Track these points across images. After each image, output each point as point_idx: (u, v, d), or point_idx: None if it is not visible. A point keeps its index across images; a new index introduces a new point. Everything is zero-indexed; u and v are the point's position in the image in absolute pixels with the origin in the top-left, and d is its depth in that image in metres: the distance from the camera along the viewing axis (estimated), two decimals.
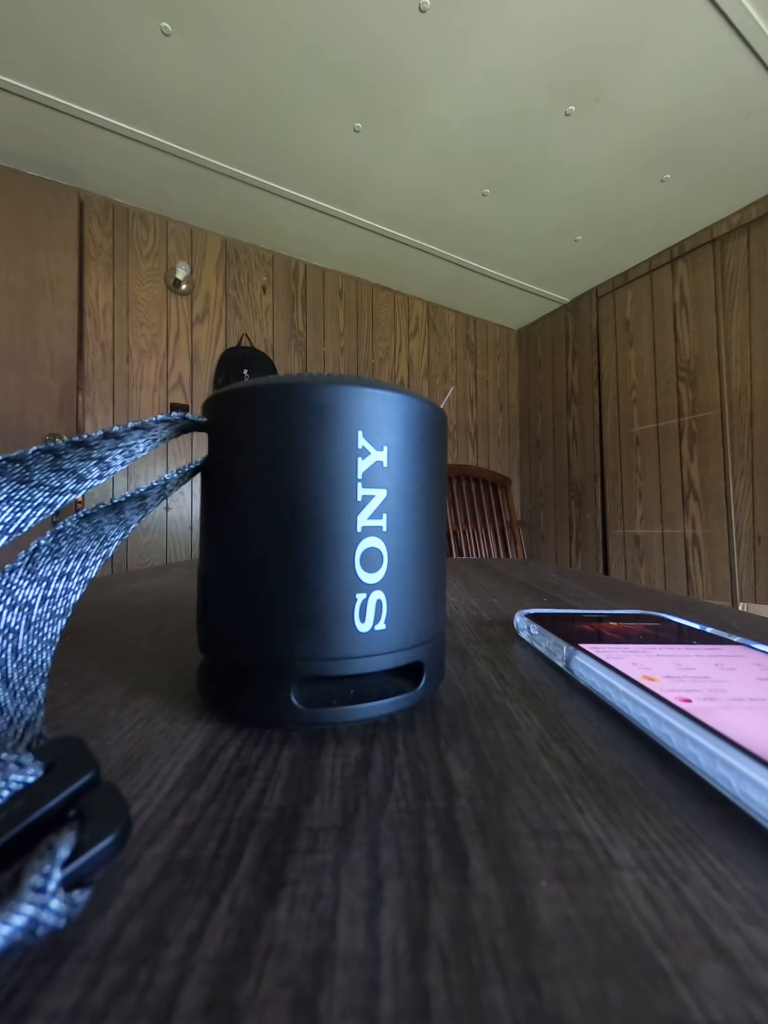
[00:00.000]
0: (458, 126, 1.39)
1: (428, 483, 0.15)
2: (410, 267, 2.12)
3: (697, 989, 0.06)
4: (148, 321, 1.80)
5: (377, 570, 0.13)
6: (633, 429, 2.08)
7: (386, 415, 0.13)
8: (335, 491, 0.13)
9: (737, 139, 1.40)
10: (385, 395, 0.13)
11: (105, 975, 0.06)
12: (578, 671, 0.17)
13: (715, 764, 0.10)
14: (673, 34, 1.10)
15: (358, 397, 0.13)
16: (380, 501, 0.13)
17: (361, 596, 0.13)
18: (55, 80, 1.26)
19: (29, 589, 0.12)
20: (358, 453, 0.13)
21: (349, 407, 0.13)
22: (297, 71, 1.22)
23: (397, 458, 0.14)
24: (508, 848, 0.09)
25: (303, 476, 0.13)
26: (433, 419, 0.15)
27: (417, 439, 0.14)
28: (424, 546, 0.15)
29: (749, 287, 1.67)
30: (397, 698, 0.14)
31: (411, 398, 0.14)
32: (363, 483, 0.13)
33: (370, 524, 0.13)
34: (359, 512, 0.13)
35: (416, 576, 0.14)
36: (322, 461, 0.13)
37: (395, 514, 0.14)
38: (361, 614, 0.13)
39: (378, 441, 0.13)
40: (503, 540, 1.99)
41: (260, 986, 0.06)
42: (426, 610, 0.15)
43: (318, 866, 0.08)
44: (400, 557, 0.14)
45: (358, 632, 0.13)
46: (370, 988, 0.06)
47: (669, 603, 0.35)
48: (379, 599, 0.13)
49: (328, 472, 0.13)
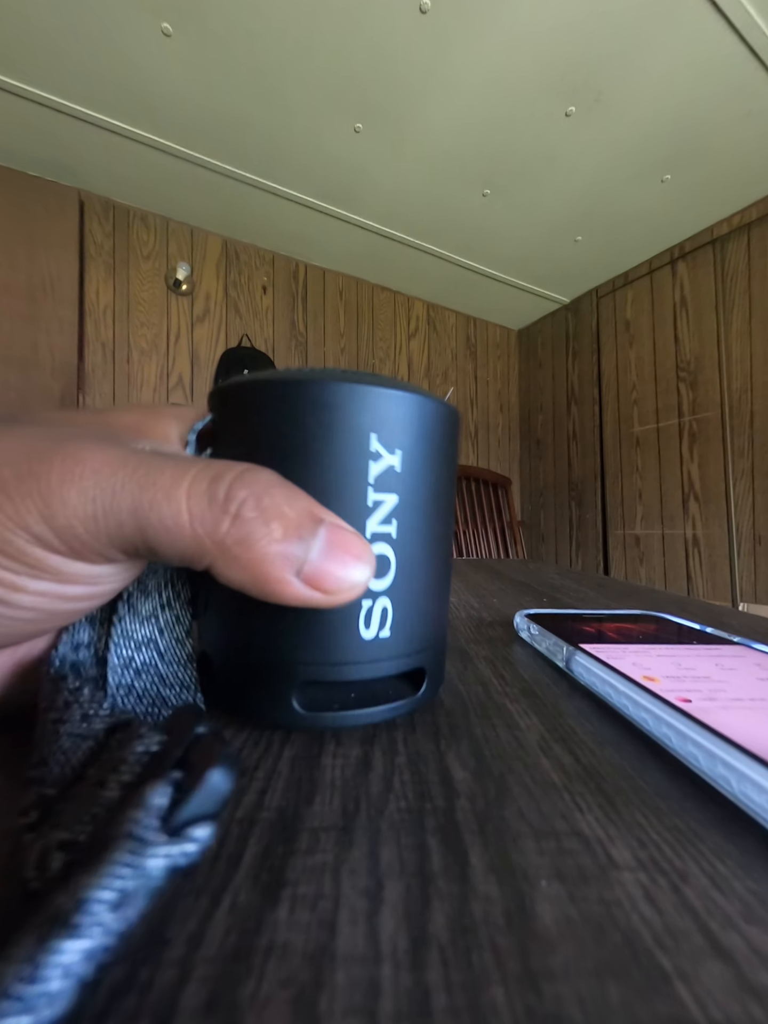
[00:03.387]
0: (458, 127, 1.39)
1: (440, 489, 0.14)
2: (410, 267, 2.12)
3: (697, 989, 0.06)
4: (148, 321, 1.80)
5: (384, 577, 0.13)
6: (633, 429, 2.08)
7: (401, 417, 0.13)
8: (344, 495, 0.12)
9: (737, 140, 1.40)
10: (402, 396, 0.13)
11: (105, 975, 0.06)
12: (578, 671, 0.17)
13: (715, 764, 0.10)
14: (673, 35, 1.10)
15: (373, 398, 0.12)
16: (391, 507, 0.13)
17: (367, 603, 0.13)
18: (55, 80, 1.25)
19: (144, 628, 0.13)
20: (370, 456, 0.12)
21: (363, 408, 0.12)
22: (297, 72, 1.22)
23: (410, 462, 0.13)
24: (508, 848, 0.09)
25: (311, 478, 0.12)
26: (448, 422, 0.14)
27: (432, 443, 0.14)
28: (432, 553, 0.14)
29: (749, 287, 1.67)
30: (398, 703, 0.14)
31: (429, 400, 0.13)
32: (374, 488, 0.13)
33: (379, 530, 0.13)
34: (368, 517, 0.13)
35: (423, 584, 0.14)
36: (332, 463, 0.12)
37: (405, 520, 0.13)
38: (366, 621, 0.13)
39: (392, 445, 0.13)
40: (503, 540, 1.99)
41: (261, 986, 0.06)
42: (431, 616, 0.14)
43: (318, 866, 0.08)
44: (408, 564, 0.13)
45: (362, 638, 0.13)
46: (370, 988, 0.06)
47: (669, 603, 0.35)
48: (385, 607, 0.13)
49: (338, 475, 0.12)
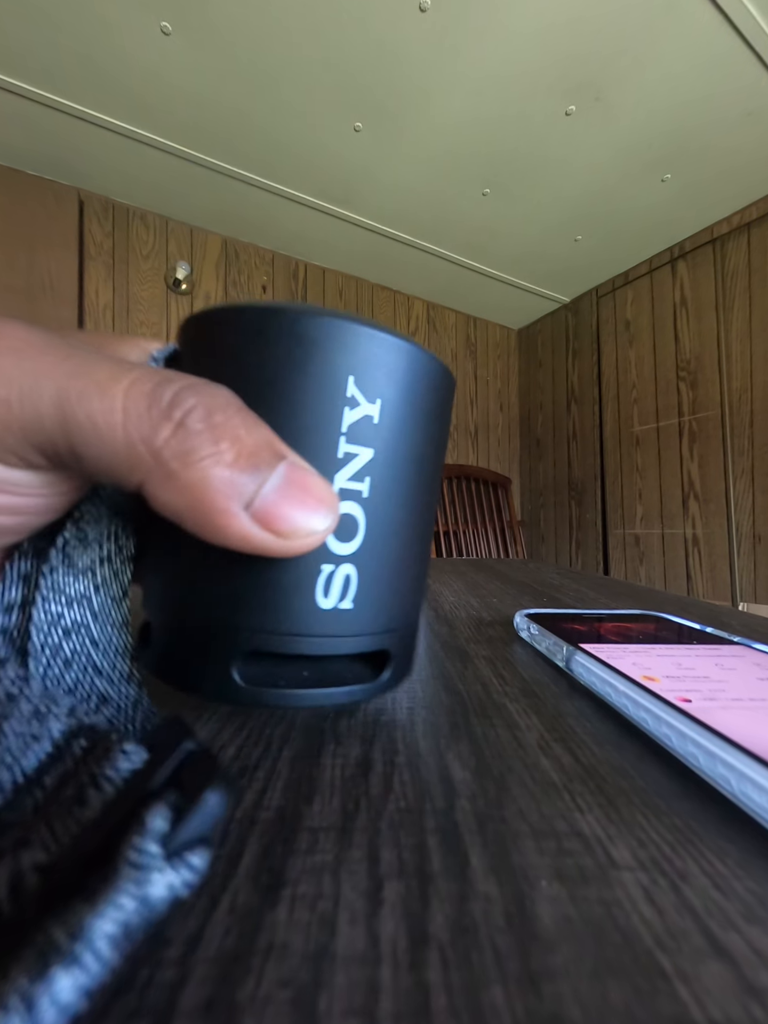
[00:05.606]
0: (458, 125, 1.39)
1: (424, 451, 0.13)
2: (410, 267, 2.12)
3: (697, 989, 0.06)
4: (148, 321, 1.80)
5: (350, 540, 0.11)
6: (633, 429, 2.08)
7: (385, 363, 0.11)
8: (311, 441, 0.11)
9: (738, 139, 1.40)
10: (387, 339, 0.11)
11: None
12: (578, 671, 0.17)
13: (715, 764, 0.10)
14: (673, 34, 1.10)
15: (354, 336, 0.11)
16: (364, 462, 0.11)
17: (328, 567, 0.11)
18: (55, 79, 1.25)
19: (78, 582, 0.11)
20: (345, 402, 0.11)
21: (342, 346, 0.11)
22: (297, 70, 1.22)
23: (391, 415, 0.12)
24: (508, 848, 0.09)
25: (276, 419, 0.11)
26: (440, 379, 0.13)
27: (418, 397, 0.12)
28: (410, 521, 0.13)
29: (749, 287, 1.67)
30: (353, 688, 0.12)
31: (418, 349, 0.12)
32: (347, 438, 0.11)
33: (349, 487, 0.11)
34: (338, 471, 0.11)
35: (396, 554, 0.12)
36: (301, 405, 0.11)
37: (380, 479, 0.12)
38: (325, 588, 0.11)
39: (371, 392, 0.11)
40: (503, 540, 1.99)
41: (260, 986, 0.06)
42: (402, 594, 0.13)
43: (318, 866, 0.08)
44: (380, 529, 0.12)
45: (319, 608, 0.11)
46: (370, 988, 0.06)
47: (669, 603, 0.35)
48: (348, 574, 0.11)
49: (306, 418, 0.11)
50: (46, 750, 0.08)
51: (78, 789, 0.07)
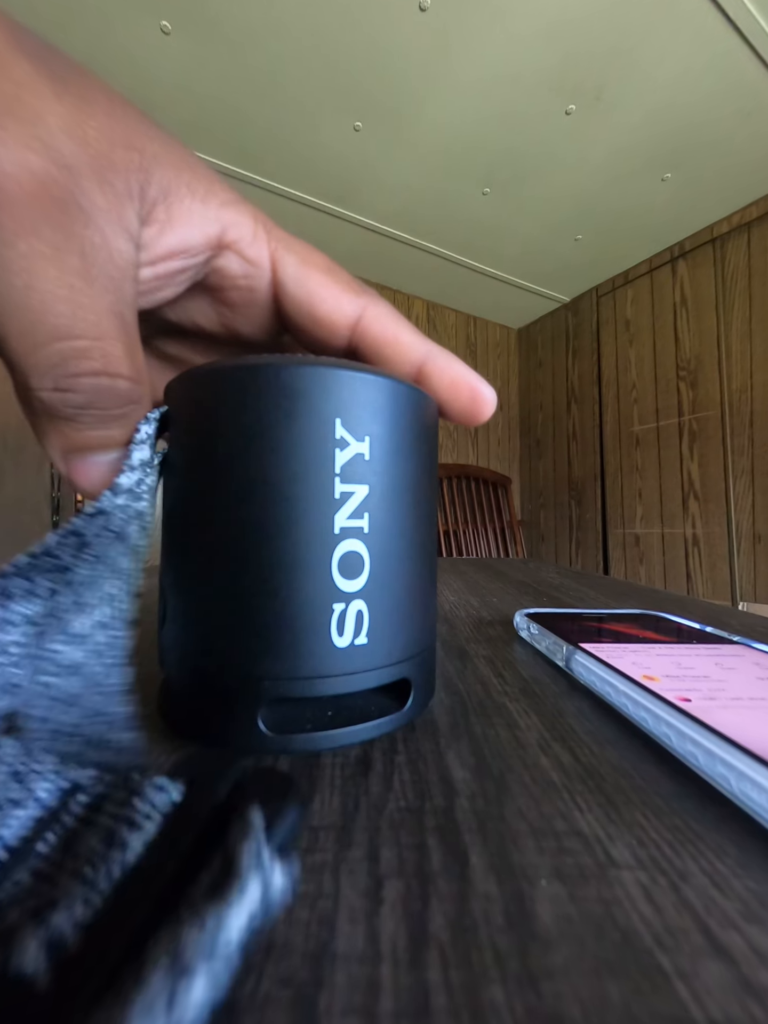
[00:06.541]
0: (458, 125, 1.38)
1: (416, 479, 0.13)
2: (410, 266, 2.12)
3: (696, 988, 0.06)
4: None
5: (357, 577, 0.12)
6: (633, 429, 2.07)
7: (368, 402, 0.12)
8: (308, 486, 0.11)
9: (738, 138, 1.40)
10: (367, 379, 0.12)
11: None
12: (578, 670, 0.17)
13: (715, 763, 0.11)
14: (674, 33, 1.10)
15: (335, 380, 0.11)
16: (361, 499, 0.12)
17: (339, 606, 0.11)
18: None
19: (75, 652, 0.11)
20: (335, 444, 0.11)
21: (325, 392, 0.11)
22: (297, 70, 1.22)
23: (381, 450, 0.12)
24: (508, 847, 0.09)
25: (272, 469, 0.11)
26: (422, 408, 0.13)
27: (404, 429, 0.13)
28: (412, 550, 0.13)
29: (749, 287, 1.67)
30: (380, 721, 0.12)
31: (396, 383, 0.13)
32: (341, 478, 0.11)
33: (349, 525, 0.12)
34: (336, 511, 0.11)
35: (403, 583, 0.13)
36: (293, 452, 0.11)
37: (378, 513, 0.12)
38: (339, 627, 0.11)
39: (359, 430, 0.12)
40: (503, 540, 1.99)
41: (260, 985, 0.06)
42: (414, 621, 0.13)
43: (318, 865, 0.08)
44: (384, 562, 0.12)
45: (335, 647, 0.11)
46: (370, 987, 0.06)
47: (669, 603, 0.35)
48: (360, 609, 0.12)
49: (301, 465, 0.11)
50: (32, 816, 0.07)
51: (106, 835, 0.07)
